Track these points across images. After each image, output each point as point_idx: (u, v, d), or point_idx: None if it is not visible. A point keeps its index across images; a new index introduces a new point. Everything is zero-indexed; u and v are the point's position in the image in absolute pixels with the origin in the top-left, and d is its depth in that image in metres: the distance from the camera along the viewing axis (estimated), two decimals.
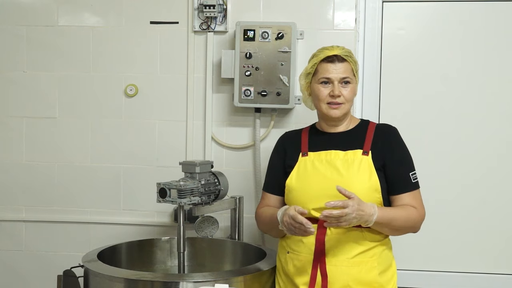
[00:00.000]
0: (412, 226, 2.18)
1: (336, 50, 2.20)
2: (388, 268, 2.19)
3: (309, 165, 2.21)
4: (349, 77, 2.20)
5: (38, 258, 3.03)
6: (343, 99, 2.19)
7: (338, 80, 2.18)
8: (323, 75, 2.20)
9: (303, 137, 2.32)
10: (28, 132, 3.01)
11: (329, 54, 2.20)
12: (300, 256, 2.17)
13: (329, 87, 2.20)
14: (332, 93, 2.18)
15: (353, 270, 2.11)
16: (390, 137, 2.23)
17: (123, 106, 2.95)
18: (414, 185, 2.19)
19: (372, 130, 2.24)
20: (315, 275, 2.13)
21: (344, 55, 2.20)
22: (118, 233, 2.93)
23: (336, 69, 2.18)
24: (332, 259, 2.12)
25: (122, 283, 2.12)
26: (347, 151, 2.19)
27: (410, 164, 2.22)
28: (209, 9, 2.80)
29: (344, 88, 2.19)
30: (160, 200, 2.34)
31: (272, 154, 2.40)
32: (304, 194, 2.18)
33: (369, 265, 2.12)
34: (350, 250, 2.11)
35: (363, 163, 2.15)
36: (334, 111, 2.20)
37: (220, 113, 2.90)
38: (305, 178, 2.20)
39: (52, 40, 2.98)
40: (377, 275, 2.13)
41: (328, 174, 2.16)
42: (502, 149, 2.84)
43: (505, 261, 2.85)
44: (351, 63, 2.21)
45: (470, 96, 2.85)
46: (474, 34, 2.84)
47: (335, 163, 2.17)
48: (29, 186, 3.02)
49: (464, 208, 2.86)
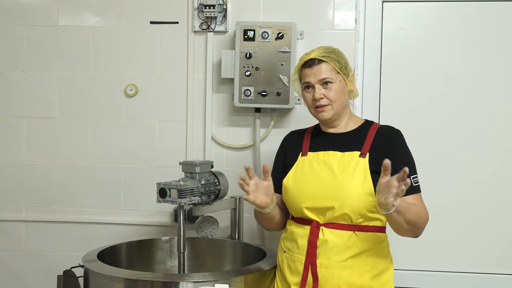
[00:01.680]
0: (420, 224, 2.09)
1: (313, 53, 2.19)
2: (382, 273, 2.16)
3: (307, 165, 2.21)
4: (328, 77, 2.16)
5: (38, 258, 3.03)
6: (326, 101, 2.17)
7: (318, 83, 2.17)
8: (304, 80, 2.21)
9: (306, 137, 2.32)
10: (28, 132, 3.01)
11: (306, 59, 2.19)
12: (294, 256, 2.18)
13: (311, 91, 2.20)
14: (314, 97, 2.18)
15: (344, 273, 2.09)
16: (391, 140, 2.19)
17: (123, 106, 2.96)
18: (415, 188, 2.14)
19: (374, 131, 2.22)
20: (306, 276, 2.13)
21: (321, 56, 2.17)
22: (118, 233, 2.93)
23: (313, 73, 2.17)
24: (323, 261, 2.11)
25: (122, 283, 2.12)
26: (345, 153, 2.17)
27: (412, 167, 2.16)
28: (209, 9, 2.80)
29: (326, 90, 2.17)
30: (160, 200, 2.34)
31: (276, 153, 2.42)
32: (298, 193, 2.18)
33: (362, 269, 2.10)
34: (342, 253, 2.10)
35: (359, 165, 2.13)
36: (322, 114, 2.20)
37: (220, 113, 2.90)
38: (302, 178, 2.20)
39: (52, 40, 2.98)
40: (370, 279, 2.11)
41: (323, 175, 2.15)
42: (503, 150, 2.84)
43: (505, 261, 2.85)
44: (331, 62, 2.17)
45: (470, 96, 2.85)
46: (474, 34, 2.84)
47: (331, 164, 2.16)
48: (29, 186, 3.02)
49: (464, 209, 2.86)
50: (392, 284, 2.20)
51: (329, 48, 2.22)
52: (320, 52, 2.18)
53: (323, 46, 2.23)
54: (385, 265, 2.18)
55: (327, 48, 2.21)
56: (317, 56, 2.17)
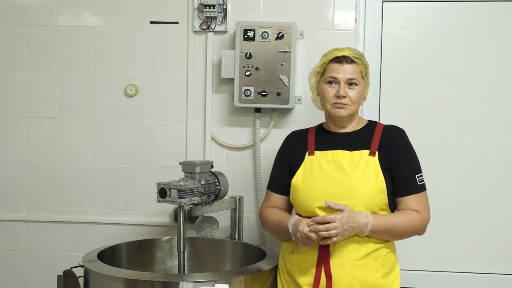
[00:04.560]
0: (413, 231, 2.18)
1: (346, 51, 2.21)
2: (391, 271, 2.18)
3: (316, 165, 2.21)
4: (356, 79, 2.19)
5: (38, 258, 3.03)
6: (348, 101, 2.19)
7: (345, 81, 2.18)
8: (330, 74, 2.21)
9: (310, 137, 2.31)
10: (28, 132, 3.01)
11: (338, 55, 2.20)
12: (304, 256, 2.17)
13: (335, 87, 2.20)
14: (338, 94, 2.18)
15: (357, 272, 2.10)
16: (397, 139, 2.22)
17: (123, 106, 2.95)
18: (420, 187, 2.18)
19: (380, 131, 2.23)
20: (319, 275, 2.13)
21: (354, 56, 2.19)
22: (118, 233, 2.93)
23: (343, 70, 2.18)
24: (336, 260, 2.12)
25: (122, 283, 2.11)
26: (354, 151, 2.18)
27: (416, 166, 2.21)
28: (209, 9, 2.80)
29: (351, 90, 2.19)
30: (160, 200, 2.34)
31: (278, 153, 2.41)
32: (309, 193, 2.18)
33: (373, 267, 2.12)
34: (355, 252, 2.11)
35: (370, 163, 2.14)
36: (339, 111, 2.20)
37: (220, 113, 2.90)
38: (311, 177, 2.20)
39: (52, 40, 2.98)
40: (380, 278, 2.13)
41: (334, 174, 2.16)
42: (501, 149, 2.84)
43: (505, 261, 2.85)
44: (361, 65, 2.20)
45: (470, 96, 2.85)
46: (474, 34, 2.84)
47: (341, 163, 2.17)
48: (29, 186, 3.02)
49: (464, 209, 2.86)
50: (399, 281, 2.22)
51: (359, 52, 2.25)
52: (353, 53, 2.21)
53: (352, 48, 2.25)
54: (393, 263, 2.21)
55: (357, 51, 2.25)
56: (350, 55, 2.19)
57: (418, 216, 2.15)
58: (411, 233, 2.19)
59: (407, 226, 2.14)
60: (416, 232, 2.20)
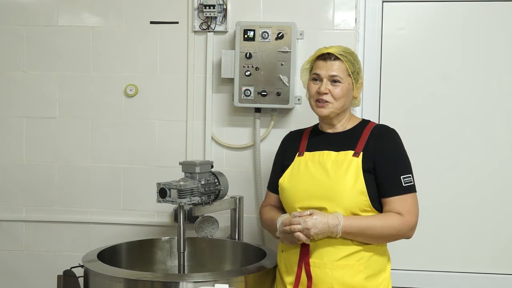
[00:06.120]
0: (394, 234, 2.10)
1: (332, 48, 2.20)
2: (378, 274, 2.14)
3: (302, 165, 2.21)
4: (339, 76, 2.17)
5: (38, 258, 3.03)
6: (330, 97, 2.18)
7: (327, 78, 2.18)
8: (314, 71, 2.22)
9: (304, 137, 2.32)
10: (28, 132, 3.01)
11: (323, 52, 2.20)
12: (290, 255, 2.18)
13: (318, 84, 2.20)
14: (319, 90, 2.18)
15: (337, 273, 2.09)
16: (383, 138, 2.18)
17: (123, 106, 2.95)
18: (405, 189, 2.11)
19: (368, 131, 2.21)
20: (300, 275, 2.13)
21: (339, 54, 2.18)
22: (118, 233, 2.93)
23: (326, 66, 2.18)
24: (316, 260, 2.11)
25: (122, 283, 2.11)
26: (340, 152, 2.18)
27: (403, 167, 2.14)
28: (209, 9, 2.80)
29: (334, 87, 2.18)
30: (160, 200, 2.34)
31: (276, 154, 2.42)
32: (293, 193, 2.19)
33: (355, 268, 2.09)
34: (335, 253, 2.10)
35: (352, 164, 2.13)
36: (321, 110, 2.20)
37: (220, 113, 2.90)
38: (297, 178, 2.21)
39: (52, 40, 2.98)
40: (363, 280, 2.09)
41: (317, 175, 2.16)
42: (502, 150, 2.84)
43: (505, 261, 2.85)
44: (346, 63, 2.18)
45: (471, 97, 2.85)
46: (474, 34, 2.84)
47: (325, 164, 2.16)
48: (29, 186, 3.02)
49: (463, 209, 2.86)
50: (388, 284, 2.19)
51: (348, 49, 2.23)
52: (338, 50, 2.20)
53: (343, 46, 2.25)
54: (381, 265, 2.17)
55: (346, 48, 2.23)
56: (335, 52, 2.19)
57: (399, 218, 2.08)
58: (392, 236, 2.11)
59: (384, 228, 2.07)
60: (399, 235, 2.12)
